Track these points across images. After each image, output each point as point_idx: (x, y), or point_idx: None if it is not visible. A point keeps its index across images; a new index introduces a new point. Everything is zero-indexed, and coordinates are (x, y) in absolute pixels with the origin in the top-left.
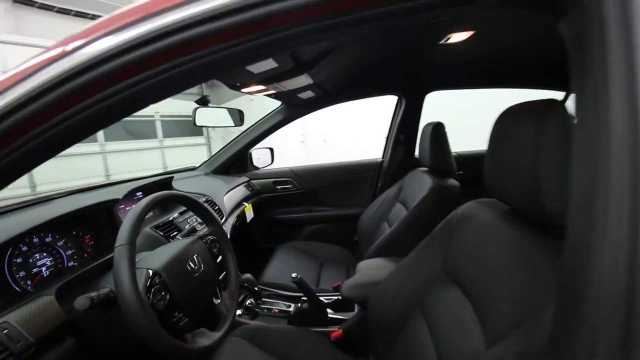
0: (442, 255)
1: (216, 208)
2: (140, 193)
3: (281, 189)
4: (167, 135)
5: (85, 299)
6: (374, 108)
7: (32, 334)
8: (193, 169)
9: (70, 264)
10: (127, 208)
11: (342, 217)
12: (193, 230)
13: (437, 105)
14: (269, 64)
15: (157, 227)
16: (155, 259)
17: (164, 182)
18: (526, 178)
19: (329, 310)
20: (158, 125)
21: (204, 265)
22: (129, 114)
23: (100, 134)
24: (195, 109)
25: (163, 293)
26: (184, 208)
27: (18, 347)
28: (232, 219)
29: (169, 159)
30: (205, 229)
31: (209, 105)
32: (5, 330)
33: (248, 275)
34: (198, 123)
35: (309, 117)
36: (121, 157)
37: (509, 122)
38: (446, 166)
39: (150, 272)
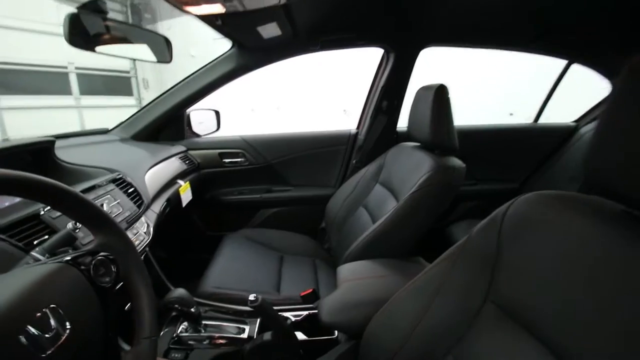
0: (485, 277)
1: (131, 190)
2: None
3: (230, 162)
4: (85, 92)
5: None
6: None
7: None
8: (104, 131)
9: None
10: None
11: (306, 200)
12: (70, 240)
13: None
14: None
15: (6, 228)
16: None
17: (40, 148)
18: None
19: (300, 336)
20: (73, 79)
21: (74, 321)
22: None
23: None
24: (71, 16)
25: None
26: None
27: None
28: (158, 205)
29: (90, 123)
30: (92, 240)
31: (105, 16)
32: None
33: (180, 292)
34: (78, 45)
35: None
36: (24, 116)
37: None
38: (448, 141)
39: None
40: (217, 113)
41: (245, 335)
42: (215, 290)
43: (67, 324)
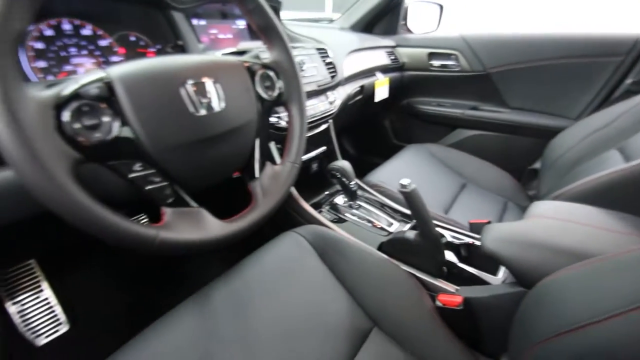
0: None
1: (329, 61)
2: None
3: (438, 66)
4: (336, 10)
5: None
6: None
7: None
8: (329, 20)
9: None
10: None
11: (524, 128)
12: (255, 57)
13: None
14: None
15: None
16: (124, 66)
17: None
18: None
19: (450, 257)
20: None
21: (229, 105)
22: None
23: None
24: None
25: (106, 119)
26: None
27: None
28: (350, 87)
29: None
30: (267, 55)
31: None
32: None
33: (344, 163)
34: None
35: None
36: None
37: None
38: None
39: (103, 74)
40: (440, 8)
41: (391, 230)
42: (379, 182)
43: (223, 102)
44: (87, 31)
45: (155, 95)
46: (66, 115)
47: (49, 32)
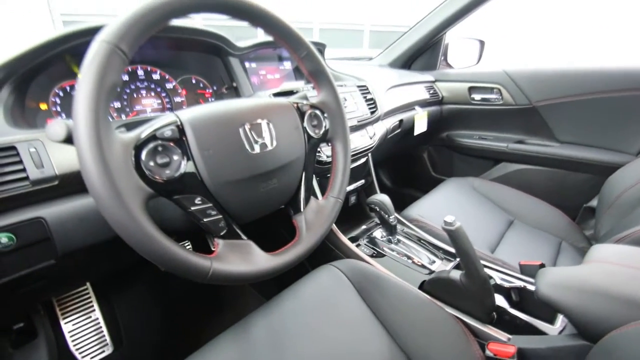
0: None
1: (370, 97)
2: None
3: (480, 100)
4: (373, 46)
5: (61, 125)
6: None
7: (60, 165)
8: (368, 58)
9: None
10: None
11: (576, 164)
12: (304, 98)
13: None
14: None
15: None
16: (192, 110)
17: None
18: None
19: (500, 301)
20: (366, 35)
21: (280, 143)
22: None
23: None
24: None
25: (176, 158)
26: None
27: (36, 172)
28: (390, 122)
29: None
30: (314, 95)
31: None
32: (32, 149)
33: (383, 197)
34: None
35: None
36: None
37: None
38: None
39: (175, 118)
40: (481, 44)
41: (433, 268)
42: (419, 217)
43: (274, 140)
44: (156, 76)
45: (218, 136)
46: (144, 155)
47: (125, 77)
